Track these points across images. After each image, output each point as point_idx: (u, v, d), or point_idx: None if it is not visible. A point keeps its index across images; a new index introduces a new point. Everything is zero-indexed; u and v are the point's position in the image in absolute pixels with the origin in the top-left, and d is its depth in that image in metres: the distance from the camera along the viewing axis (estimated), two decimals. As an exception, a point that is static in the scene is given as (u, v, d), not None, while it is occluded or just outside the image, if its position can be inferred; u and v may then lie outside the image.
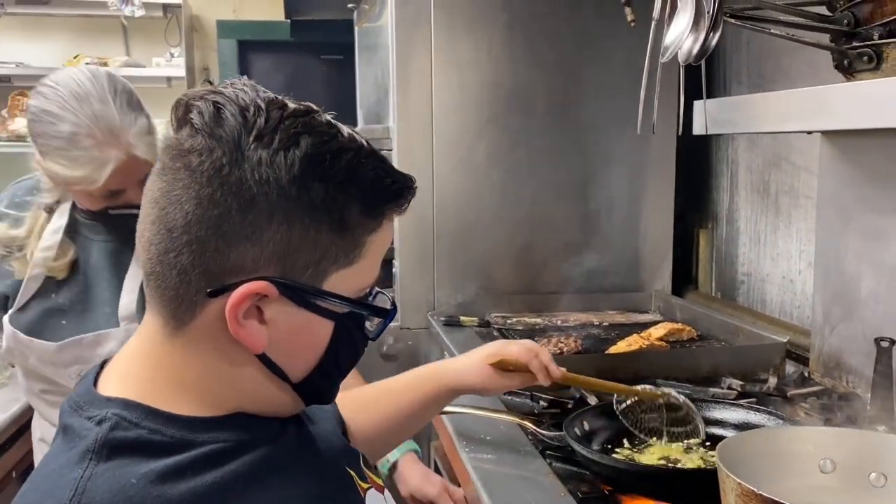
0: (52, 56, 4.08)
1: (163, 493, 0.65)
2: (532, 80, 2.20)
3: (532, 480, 1.16)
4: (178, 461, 0.67)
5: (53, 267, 1.34)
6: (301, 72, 4.73)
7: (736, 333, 1.91)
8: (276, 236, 0.68)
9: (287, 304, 0.70)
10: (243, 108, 0.68)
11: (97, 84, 1.24)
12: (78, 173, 1.22)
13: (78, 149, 1.21)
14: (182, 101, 0.70)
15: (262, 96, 0.70)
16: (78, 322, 1.37)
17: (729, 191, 2.31)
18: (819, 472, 0.92)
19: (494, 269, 2.27)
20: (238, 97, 0.69)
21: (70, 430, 0.70)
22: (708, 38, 0.97)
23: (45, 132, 1.22)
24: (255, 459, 0.72)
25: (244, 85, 0.71)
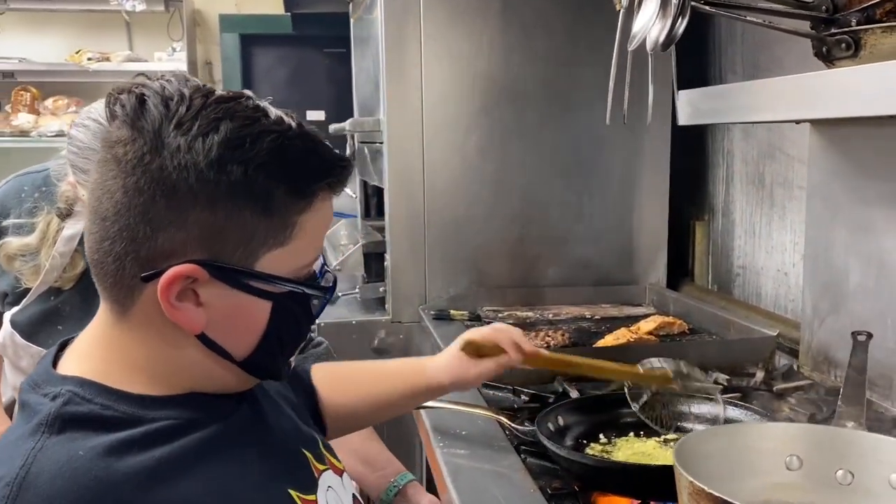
0: (54, 51, 4.10)
1: (109, 465, 0.67)
2: (524, 72, 2.18)
3: (503, 476, 1.14)
4: (127, 436, 0.69)
5: (63, 278, 1.34)
6: (303, 65, 4.73)
7: (728, 327, 1.88)
8: (200, 220, 0.69)
9: (220, 286, 0.72)
10: (167, 98, 0.69)
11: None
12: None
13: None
14: (112, 94, 0.71)
15: (190, 86, 0.70)
16: (74, 329, 1.32)
17: (725, 182, 2.28)
18: (785, 468, 0.90)
19: (487, 263, 2.25)
20: (164, 89, 0.70)
21: (27, 406, 0.73)
22: (675, 26, 0.95)
23: (89, 170, 1.21)
24: (204, 436, 0.74)
25: (174, 76, 0.72)
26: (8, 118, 3.96)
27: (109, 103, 0.71)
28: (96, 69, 3.93)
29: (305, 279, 0.77)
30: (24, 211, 1.36)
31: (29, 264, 1.34)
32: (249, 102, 0.73)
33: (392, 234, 2.18)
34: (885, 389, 1.40)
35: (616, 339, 1.79)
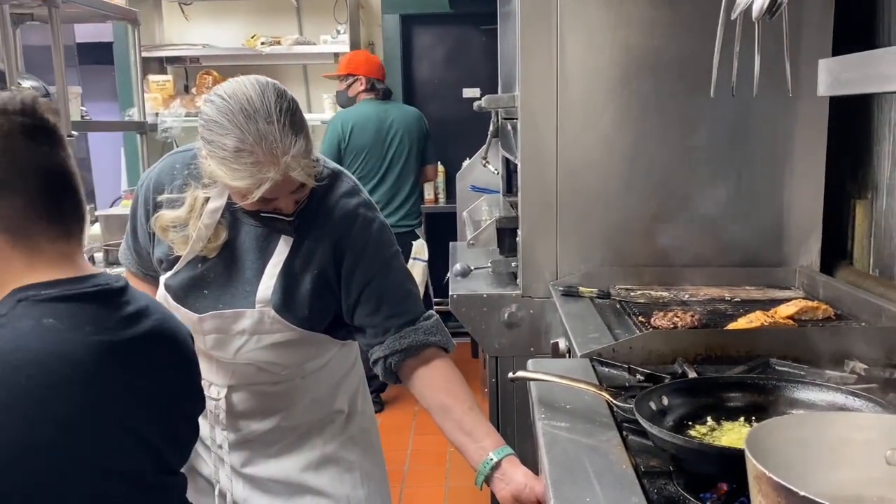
0: (232, 37, 4.44)
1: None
2: (665, 43, 2.10)
3: (598, 450, 1.14)
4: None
5: (207, 247, 1.45)
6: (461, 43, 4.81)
7: (880, 315, 1.73)
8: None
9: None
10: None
11: (265, 101, 1.29)
12: (236, 183, 1.31)
13: (239, 163, 1.28)
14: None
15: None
16: (219, 294, 1.47)
17: (891, 158, 2.08)
18: (884, 463, 0.83)
19: (623, 240, 2.20)
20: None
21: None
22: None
23: (214, 140, 1.30)
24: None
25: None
26: (193, 100, 4.34)
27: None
28: (268, 52, 4.21)
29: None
30: (176, 187, 1.47)
31: (179, 234, 1.44)
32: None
33: (524, 209, 2.19)
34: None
35: (749, 323, 1.70)
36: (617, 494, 1.01)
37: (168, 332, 1.12)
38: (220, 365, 1.51)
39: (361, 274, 1.47)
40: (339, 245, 1.47)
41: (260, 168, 1.28)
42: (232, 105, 1.29)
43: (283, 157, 1.29)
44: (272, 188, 1.31)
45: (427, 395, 1.47)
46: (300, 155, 1.31)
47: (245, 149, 1.27)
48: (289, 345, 1.49)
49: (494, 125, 2.86)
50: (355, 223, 1.48)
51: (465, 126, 4.36)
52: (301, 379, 1.56)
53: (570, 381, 1.31)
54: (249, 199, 1.33)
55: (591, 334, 1.73)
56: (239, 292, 1.47)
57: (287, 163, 1.29)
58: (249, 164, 1.28)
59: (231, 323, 1.47)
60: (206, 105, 1.34)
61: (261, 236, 1.47)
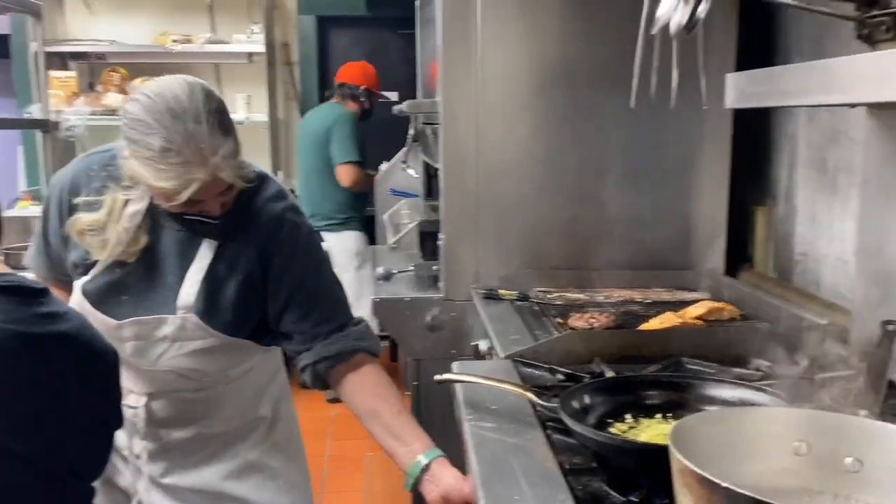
0: (141, 33, 4.30)
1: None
2: (580, 53, 2.17)
3: (524, 449, 1.18)
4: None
5: (127, 252, 1.41)
6: (378, 46, 4.81)
7: (780, 315, 1.85)
8: None
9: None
10: None
11: (193, 101, 1.27)
12: (162, 185, 1.27)
13: (165, 163, 1.25)
14: None
15: None
16: (138, 300, 1.43)
17: (788, 167, 2.22)
18: (793, 454, 0.90)
19: (540, 244, 2.26)
20: None
21: None
22: (696, 10, 0.95)
23: (138, 140, 1.27)
24: None
25: None
26: (99, 97, 4.18)
27: None
28: (179, 50, 4.10)
29: None
30: (93, 189, 1.43)
31: (97, 238, 1.40)
32: None
33: (446, 213, 2.22)
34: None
35: (661, 323, 1.78)
36: (544, 492, 1.04)
37: (86, 339, 1.09)
38: (139, 372, 1.47)
39: (290, 279, 1.46)
40: (266, 250, 1.45)
41: (187, 168, 1.26)
42: (158, 104, 1.26)
43: (211, 158, 1.27)
44: (200, 189, 1.28)
45: (356, 400, 1.47)
46: (229, 156, 1.29)
47: (172, 148, 1.25)
48: (211, 351, 1.47)
49: (415, 129, 2.88)
50: (283, 227, 1.47)
51: (383, 129, 4.36)
52: (224, 385, 1.54)
53: (495, 381, 1.34)
54: (176, 200, 1.30)
55: (513, 336, 1.78)
56: (159, 298, 1.44)
57: (216, 163, 1.27)
58: (176, 165, 1.25)
59: (152, 329, 1.43)
60: (131, 103, 1.30)
61: (183, 240, 1.44)
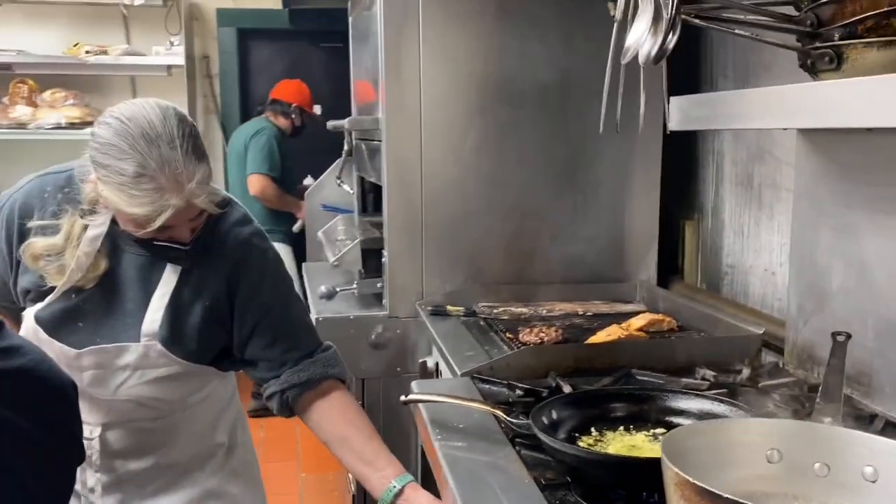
0: (51, 43, 4.12)
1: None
2: (520, 72, 2.22)
3: (499, 467, 1.20)
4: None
5: (85, 277, 1.36)
6: (300, 60, 4.77)
7: (715, 325, 1.94)
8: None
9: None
10: None
11: (167, 126, 1.25)
12: (134, 210, 1.23)
13: (139, 189, 1.22)
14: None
15: None
16: (95, 327, 1.38)
17: (714, 183, 2.34)
18: (766, 462, 0.95)
19: (483, 259, 2.30)
20: None
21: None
22: (666, 41, 1.00)
23: (110, 165, 1.23)
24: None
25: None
26: (6, 110, 3.98)
27: None
28: (94, 62, 3.95)
29: None
30: (49, 213, 1.37)
31: (54, 264, 1.34)
32: None
33: (390, 230, 2.23)
34: (864, 387, 1.46)
35: (608, 336, 1.84)
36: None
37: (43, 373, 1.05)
38: (93, 402, 1.42)
39: (257, 306, 1.44)
40: (232, 276, 1.43)
41: (162, 195, 1.23)
42: (131, 128, 1.23)
43: (187, 184, 1.24)
44: (173, 216, 1.25)
45: (326, 428, 1.46)
46: (203, 181, 1.27)
47: (146, 174, 1.22)
48: (172, 378, 1.43)
49: (349, 144, 2.87)
50: (250, 254, 1.45)
51: (306, 143, 4.32)
52: (181, 413, 1.50)
53: (464, 401, 1.35)
54: (148, 227, 1.26)
55: (467, 353, 1.80)
56: (119, 325, 1.39)
57: (191, 190, 1.25)
58: (151, 191, 1.22)
59: (113, 358, 1.38)
60: (101, 127, 1.26)
61: (144, 265, 1.40)
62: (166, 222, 1.26)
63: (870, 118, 1.05)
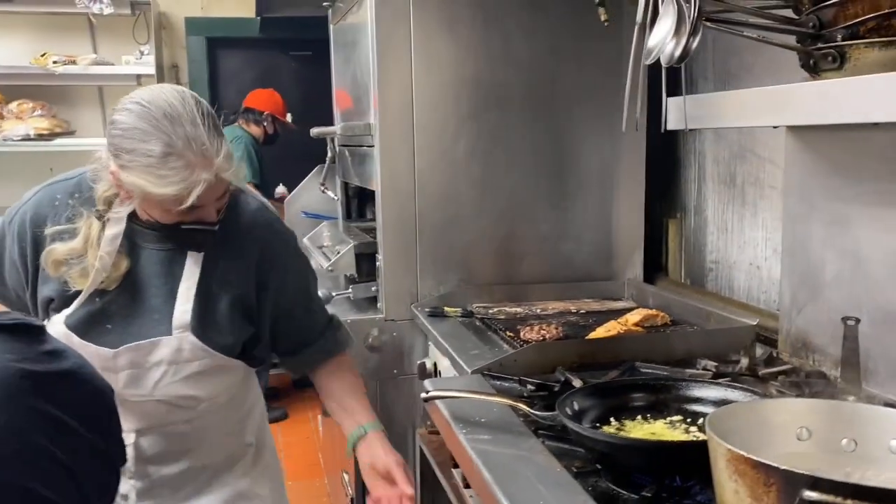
0: (17, 54, 4.04)
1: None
2: (508, 78, 2.27)
3: (528, 458, 1.23)
4: None
5: (109, 279, 1.36)
6: (270, 68, 4.76)
7: (707, 318, 2.01)
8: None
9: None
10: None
11: (187, 106, 1.26)
12: (166, 191, 1.24)
13: (168, 168, 1.23)
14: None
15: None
16: (124, 328, 1.38)
17: (697, 182, 2.41)
18: (796, 439, 1.00)
19: (475, 261, 2.34)
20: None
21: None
22: (689, 42, 1.05)
23: (135, 149, 1.23)
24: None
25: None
26: (-28, 122, 3.89)
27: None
28: (62, 72, 3.89)
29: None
30: (63, 218, 1.36)
31: (76, 267, 1.34)
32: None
33: (384, 235, 2.25)
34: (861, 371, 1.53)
35: (607, 331, 1.89)
36: (564, 494, 1.10)
37: (87, 377, 1.06)
38: (128, 407, 1.41)
39: (286, 290, 1.49)
40: (261, 261, 1.45)
41: (192, 171, 1.23)
42: (153, 110, 1.24)
43: (215, 158, 1.26)
44: (202, 193, 1.26)
45: (326, 386, 1.60)
46: (228, 155, 1.29)
47: (174, 152, 1.22)
48: (206, 374, 1.43)
49: (332, 151, 2.89)
50: (276, 239, 1.49)
51: (276, 151, 4.31)
52: (213, 415, 1.50)
53: (488, 395, 1.39)
54: (180, 207, 1.26)
55: (472, 351, 1.83)
56: (147, 322, 1.39)
57: (219, 164, 1.27)
58: (180, 168, 1.23)
59: (146, 354, 1.38)
60: (121, 114, 1.27)
61: (164, 260, 1.40)
62: (197, 201, 1.26)
63: (874, 113, 1.12)
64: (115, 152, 1.27)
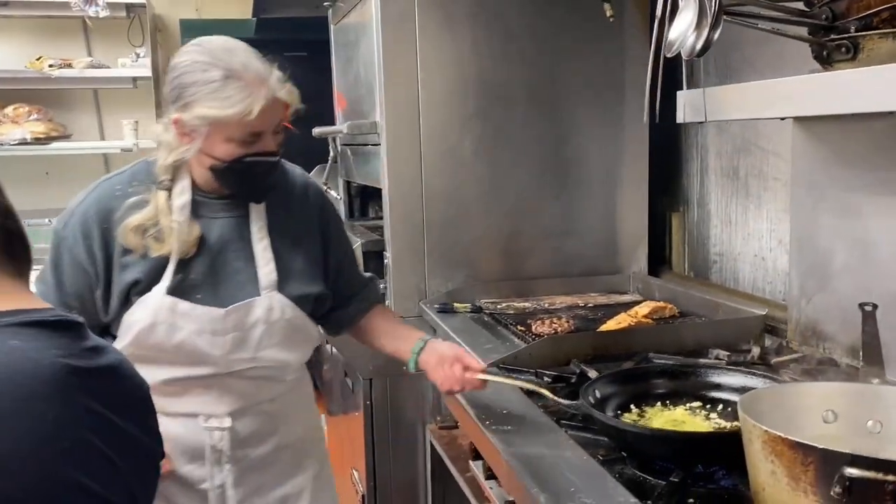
0: (12, 57, 4.02)
1: None
2: (512, 75, 2.29)
3: (554, 446, 1.25)
4: None
5: (185, 244, 1.42)
6: (265, 69, 4.73)
7: (715, 309, 2.03)
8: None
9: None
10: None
11: (238, 43, 1.42)
12: (231, 111, 1.34)
13: (230, 89, 1.34)
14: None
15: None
16: (213, 295, 1.46)
17: (699, 176, 2.44)
18: (822, 422, 1.03)
19: (481, 258, 2.35)
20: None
21: None
22: (710, 35, 1.07)
23: (197, 80, 1.35)
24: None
25: None
26: (-33, 126, 3.86)
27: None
28: (58, 76, 3.87)
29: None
30: (131, 203, 1.42)
31: (152, 232, 1.41)
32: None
33: (392, 232, 2.26)
34: (872, 357, 1.55)
35: (618, 324, 1.92)
36: (595, 482, 1.12)
37: (128, 372, 1.07)
38: (225, 386, 1.49)
39: (340, 248, 1.63)
40: (321, 221, 1.59)
41: (251, 91, 1.34)
42: (209, 47, 1.38)
43: (269, 79, 1.37)
44: (262, 115, 1.35)
45: (373, 327, 1.67)
46: (281, 79, 1.40)
47: (233, 76, 1.34)
48: (292, 336, 1.53)
49: (334, 150, 2.90)
50: (327, 201, 1.65)
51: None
52: (290, 393, 1.61)
53: (530, 384, 1.44)
54: (245, 130, 1.35)
55: (485, 346, 1.85)
56: (231, 286, 1.46)
57: (273, 85, 1.37)
58: (240, 88, 1.34)
59: (245, 315, 1.46)
60: (180, 56, 1.39)
61: (233, 226, 1.48)
62: (258, 123, 1.35)
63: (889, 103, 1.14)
64: (178, 94, 1.37)
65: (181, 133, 1.39)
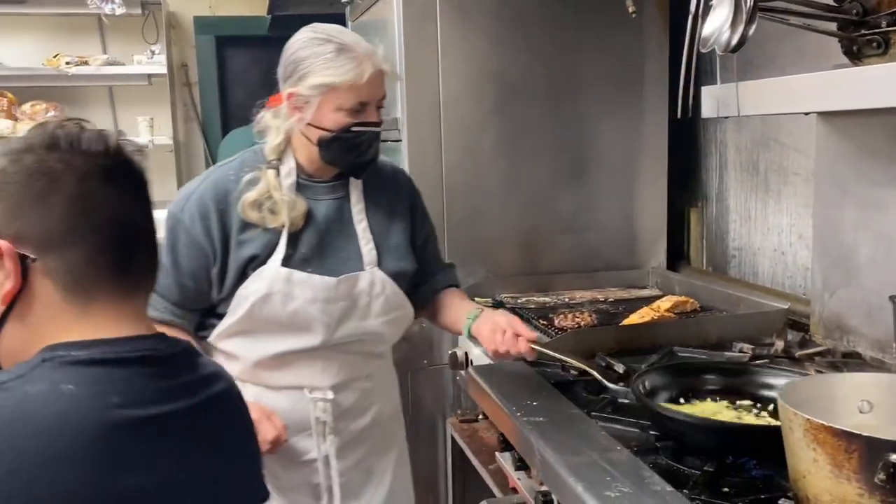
0: (28, 55, 4.05)
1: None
2: (533, 71, 2.30)
3: (586, 438, 1.26)
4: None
5: (294, 218, 1.54)
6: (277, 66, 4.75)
7: (736, 303, 2.04)
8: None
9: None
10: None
11: (343, 28, 1.55)
12: (345, 77, 1.47)
13: (343, 58, 1.47)
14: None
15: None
16: (320, 269, 1.57)
17: (718, 171, 2.45)
18: (858, 412, 1.04)
19: (501, 252, 2.37)
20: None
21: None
22: (746, 31, 1.08)
23: (313, 53, 1.48)
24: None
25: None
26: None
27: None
28: (75, 73, 3.90)
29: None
30: (248, 178, 1.53)
31: (267, 205, 1.52)
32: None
33: (414, 227, 2.27)
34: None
35: (641, 318, 1.93)
36: (631, 471, 1.13)
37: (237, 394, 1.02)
38: (325, 362, 1.58)
39: (426, 229, 1.75)
40: (412, 203, 1.71)
41: (360, 62, 1.48)
42: (321, 27, 1.51)
43: (374, 53, 1.51)
44: (370, 83, 1.48)
45: (444, 303, 1.76)
46: (384, 56, 1.54)
47: (345, 48, 1.48)
48: (391, 312, 1.63)
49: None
50: (412, 183, 1.76)
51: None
52: (382, 372, 1.73)
53: (576, 360, 1.52)
54: (355, 99, 1.47)
55: (510, 339, 1.86)
56: (335, 261, 1.57)
57: (378, 59, 1.51)
58: (352, 59, 1.47)
59: (352, 287, 1.57)
60: (293, 41, 1.51)
61: (335, 207, 1.59)
62: (365, 96, 1.49)
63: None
64: (292, 69, 1.49)
65: (293, 107, 1.50)
